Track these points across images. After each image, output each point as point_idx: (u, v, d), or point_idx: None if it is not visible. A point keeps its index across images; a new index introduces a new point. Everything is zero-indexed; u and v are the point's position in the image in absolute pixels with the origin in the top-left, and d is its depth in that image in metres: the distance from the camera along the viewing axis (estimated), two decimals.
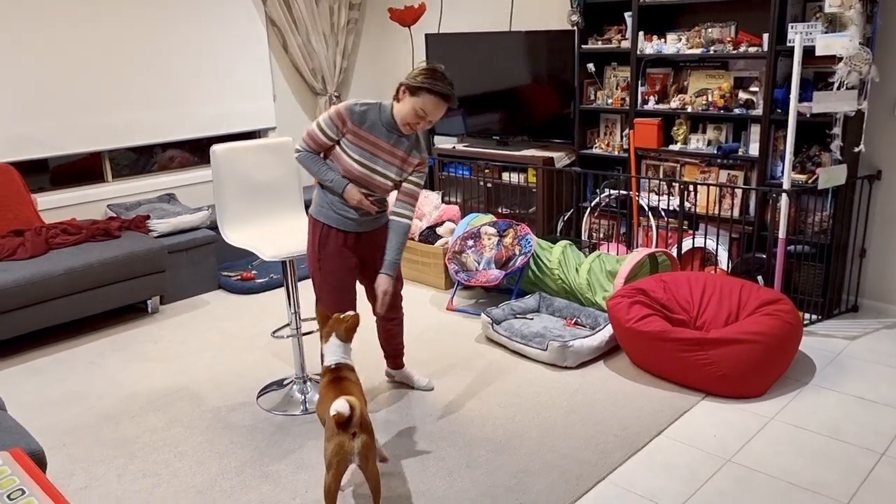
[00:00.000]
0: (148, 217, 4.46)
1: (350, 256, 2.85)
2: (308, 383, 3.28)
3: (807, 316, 3.88)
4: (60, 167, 4.74)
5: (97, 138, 4.69)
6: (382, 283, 2.80)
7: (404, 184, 2.83)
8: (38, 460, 2.08)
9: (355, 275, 2.92)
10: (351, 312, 2.62)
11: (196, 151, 5.39)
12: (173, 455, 2.83)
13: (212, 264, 4.66)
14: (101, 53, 4.64)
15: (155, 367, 3.63)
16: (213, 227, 4.72)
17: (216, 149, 3.10)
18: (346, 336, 2.56)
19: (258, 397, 3.27)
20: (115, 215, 4.58)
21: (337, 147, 2.74)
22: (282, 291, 4.65)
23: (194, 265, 4.56)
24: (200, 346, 3.86)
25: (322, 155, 2.80)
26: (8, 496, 1.69)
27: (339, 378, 2.47)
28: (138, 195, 4.94)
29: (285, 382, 3.34)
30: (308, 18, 5.58)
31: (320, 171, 2.76)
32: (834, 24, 3.54)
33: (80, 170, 4.82)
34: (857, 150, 3.65)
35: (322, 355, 2.59)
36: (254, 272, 4.85)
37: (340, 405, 2.15)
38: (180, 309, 4.41)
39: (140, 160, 5.09)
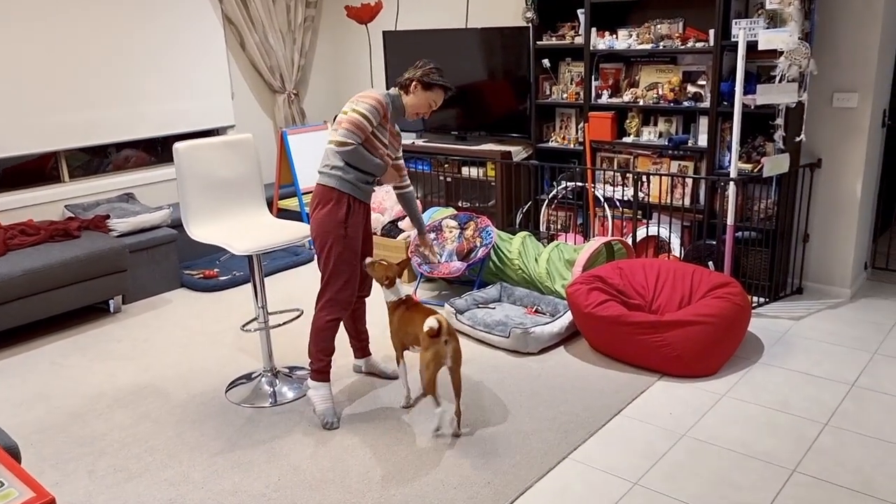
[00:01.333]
0: (107, 217, 4.43)
1: (361, 228, 3.04)
2: (277, 376, 3.33)
3: (755, 298, 4.07)
4: (12, 168, 4.66)
5: (52, 138, 4.63)
6: (424, 240, 3.38)
7: (398, 161, 3.17)
8: (13, 455, 2.09)
9: None
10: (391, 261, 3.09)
11: (152, 150, 5.35)
12: (143, 450, 2.85)
13: (174, 263, 4.65)
14: (55, 52, 4.58)
15: (119, 365, 3.63)
16: (175, 225, 4.71)
17: (179, 146, 3.12)
18: (401, 274, 3.06)
19: (227, 391, 3.30)
20: (73, 216, 4.53)
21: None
22: (245, 289, 4.66)
23: (156, 264, 4.54)
24: (165, 344, 3.86)
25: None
26: None
27: (411, 305, 3.01)
28: (96, 195, 4.90)
29: (254, 376, 3.37)
30: (265, 16, 5.59)
31: (371, 160, 2.92)
32: (775, 20, 3.72)
33: (33, 171, 4.75)
34: (798, 139, 3.84)
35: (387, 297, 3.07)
36: (216, 270, 4.85)
37: (432, 322, 2.72)
38: (143, 308, 4.40)
39: (94, 160, 5.03)
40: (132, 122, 5.05)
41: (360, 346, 3.39)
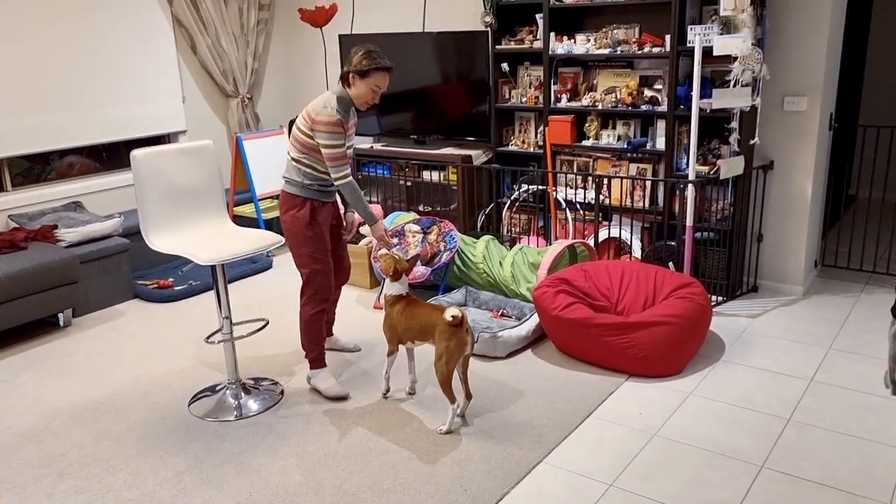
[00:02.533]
0: (55, 227, 4.26)
1: (328, 228, 3.22)
2: (242, 387, 3.24)
3: (713, 297, 4.16)
4: None
5: None
6: (357, 218, 3.46)
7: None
8: None
9: None
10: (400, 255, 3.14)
11: (99, 157, 5.17)
12: (105, 469, 2.74)
13: (126, 273, 4.50)
14: None
15: (73, 381, 3.49)
16: (127, 234, 4.56)
17: (137, 154, 3.01)
18: (409, 271, 3.13)
19: (190, 405, 3.21)
20: (18, 226, 4.34)
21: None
22: (202, 298, 4.54)
23: (107, 275, 4.39)
24: (120, 358, 3.73)
25: (300, 154, 3.09)
26: None
27: (412, 301, 3.09)
28: (40, 204, 4.70)
29: (218, 388, 3.28)
30: (217, 19, 5.47)
31: (363, 200, 3.12)
32: (728, 27, 3.82)
33: None
34: (752, 142, 3.94)
35: (385, 291, 3.14)
36: (171, 279, 4.71)
37: (454, 311, 2.83)
38: (94, 321, 4.24)
39: (35, 168, 4.83)
40: (79, 128, 4.87)
41: (326, 327, 3.52)
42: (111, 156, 5.23)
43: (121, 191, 5.13)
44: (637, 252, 4.34)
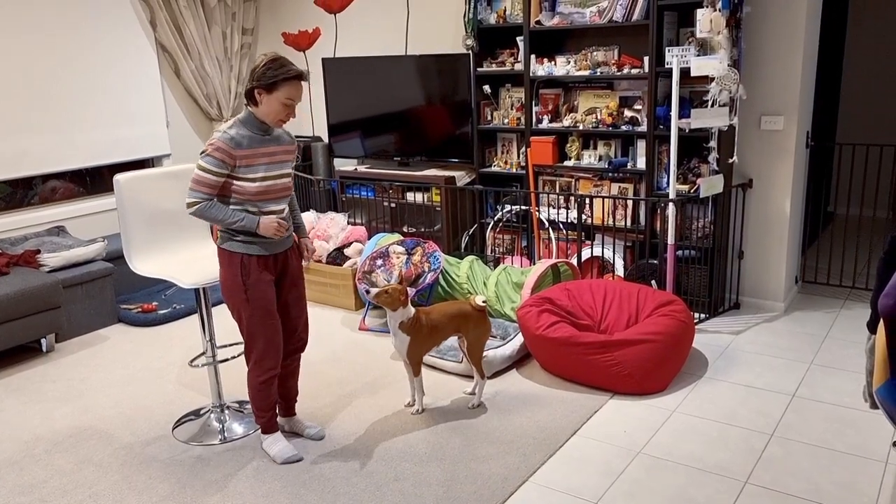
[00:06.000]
0: (38, 251, 4.24)
1: (271, 280, 2.78)
2: (226, 411, 3.23)
3: (696, 315, 4.20)
4: None
5: None
6: (308, 243, 3.01)
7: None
8: None
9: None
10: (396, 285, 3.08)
11: (81, 181, 5.15)
12: (88, 496, 2.71)
13: (109, 297, 4.47)
14: None
15: (55, 407, 3.46)
16: (110, 258, 4.54)
17: (119, 178, 3.02)
18: (406, 292, 3.10)
19: (174, 429, 3.18)
20: (0, 251, 4.31)
21: (234, 181, 2.65)
22: (186, 322, 4.53)
23: (91, 299, 4.36)
24: (104, 383, 3.70)
25: (216, 195, 2.68)
26: None
27: (428, 311, 3.18)
28: (23, 229, 4.68)
29: (202, 412, 3.26)
30: (200, 44, 5.50)
31: (227, 217, 2.64)
32: (705, 48, 3.89)
33: None
34: (731, 161, 4.01)
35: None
36: (155, 303, 4.69)
37: (482, 299, 3.20)
38: (78, 346, 4.21)
39: (17, 193, 4.81)
40: (63, 152, 4.87)
41: (286, 404, 3.08)
42: (94, 180, 5.23)
43: (104, 215, 5.11)
44: (620, 271, 4.38)
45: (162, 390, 3.59)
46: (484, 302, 3.21)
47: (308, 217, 4.99)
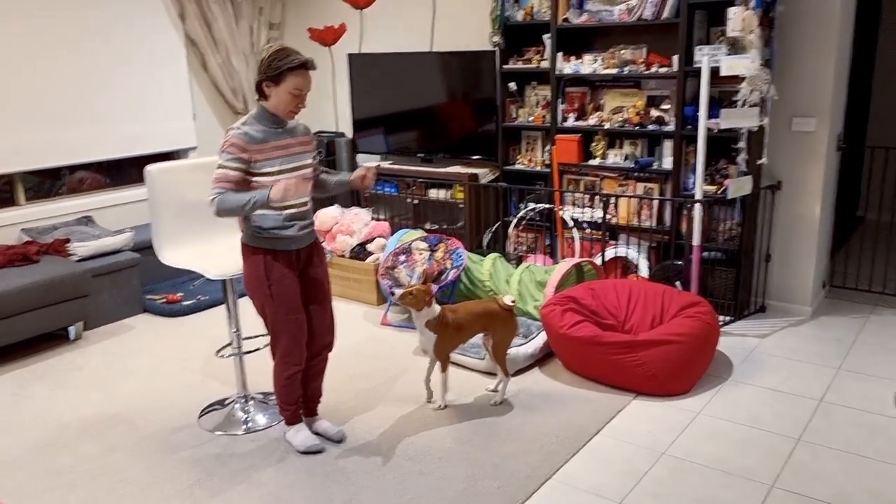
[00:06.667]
0: (67, 240, 4.29)
1: (294, 277, 2.76)
2: (250, 402, 3.25)
3: (721, 317, 4.16)
4: None
5: (8, 160, 4.48)
6: (357, 172, 2.84)
7: (315, 174, 2.87)
8: None
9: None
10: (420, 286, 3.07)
11: (108, 172, 5.21)
12: (116, 481, 2.75)
13: (136, 287, 4.52)
14: (11, 72, 4.45)
15: (83, 395, 3.50)
16: (137, 249, 4.59)
17: (151, 169, 3.05)
18: (431, 292, 3.10)
19: (199, 418, 3.21)
20: (31, 240, 4.38)
21: (253, 177, 2.64)
22: (210, 313, 4.56)
23: (117, 289, 4.41)
24: (129, 372, 3.74)
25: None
26: None
27: (454, 309, 3.19)
28: (52, 218, 4.75)
29: (227, 402, 3.29)
30: (228, 38, 5.54)
31: (241, 201, 2.57)
32: (736, 47, 3.85)
33: None
34: (760, 162, 3.97)
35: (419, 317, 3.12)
36: (179, 294, 4.73)
37: (511, 298, 3.21)
38: (104, 335, 4.26)
39: (46, 183, 4.87)
40: (92, 144, 4.92)
41: (308, 405, 3.05)
42: (121, 171, 5.28)
43: (130, 206, 5.17)
44: (644, 271, 4.35)
45: (187, 380, 3.62)
46: (513, 302, 3.21)
47: (332, 212, 5.01)
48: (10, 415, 3.31)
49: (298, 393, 2.91)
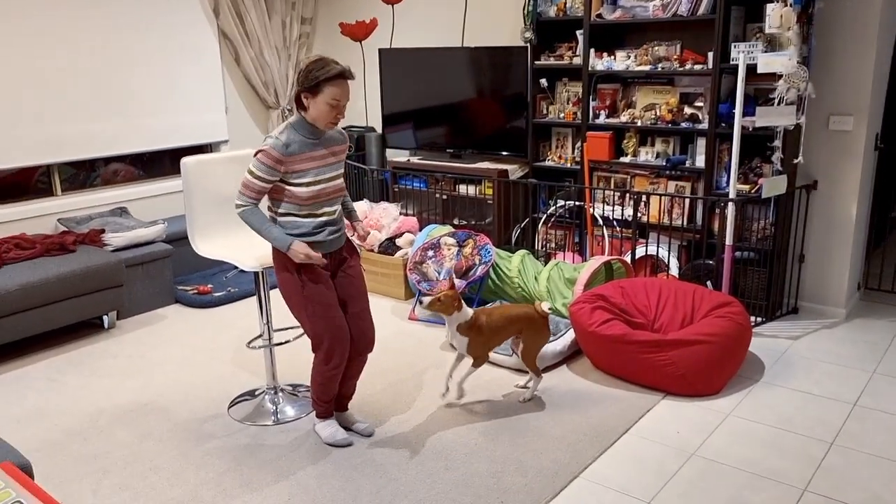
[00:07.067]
0: (103, 231, 4.37)
1: (327, 278, 2.77)
2: (280, 393, 3.29)
3: (753, 318, 4.11)
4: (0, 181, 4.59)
5: (45, 151, 4.57)
6: (359, 227, 2.93)
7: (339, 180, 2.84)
8: (26, 473, 2.04)
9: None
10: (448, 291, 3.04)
11: (142, 164, 5.29)
12: (148, 468, 2.79)
13: (168, 278, 4.59)
14: (49, 65, 4.53)
15: (117, 382, 3.56)
16: (170, 240, 4.66)
17: (186, 161, 3.09)
18: (459, 297, 3.08)
19: (229, 408, 3.26)
20: (67, 229, 4.46)
21: (286, 186, 2.64)
22: (239, 305, 4.62)
23: (150, 279, 4.48)
24: (162, 361, 3.80)
25: (269, 201, 2.74)
26: None
27: (489, 311, 3.17)
28: (88, 209, 4.83)
29: (257, 393, 3.33)
30: (260, 32, 5.59)
31: (263, 229, 2.63)
32: (773, 44, 3.79)
33: (19, 184, 4.65)
34: (795, 161, 3.90)
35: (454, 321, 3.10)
36: (210, 286, 4.79)
37: (548, 305, 3.21)
38: (137, 324, 4.33)
39: (80, 174, 4.96)
40: (126, 136, 5.00)
41: (340, 401, 3.05)
42: (154, 163, 5.36)
43: (164, 197, 5.24)
44: (674, 270, 4.31)
45: (217, 370, 3.67)
46: (550, 309, 3.21)
47: (361, 206, 5.04)
48: (45, 401, 3.39)
49: (335, 391, 2.93)
